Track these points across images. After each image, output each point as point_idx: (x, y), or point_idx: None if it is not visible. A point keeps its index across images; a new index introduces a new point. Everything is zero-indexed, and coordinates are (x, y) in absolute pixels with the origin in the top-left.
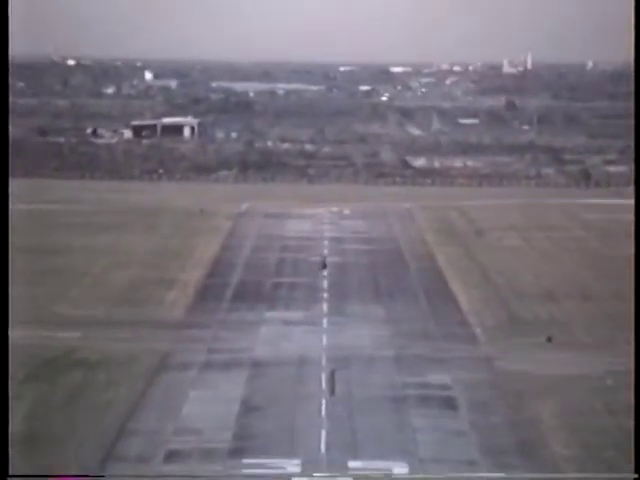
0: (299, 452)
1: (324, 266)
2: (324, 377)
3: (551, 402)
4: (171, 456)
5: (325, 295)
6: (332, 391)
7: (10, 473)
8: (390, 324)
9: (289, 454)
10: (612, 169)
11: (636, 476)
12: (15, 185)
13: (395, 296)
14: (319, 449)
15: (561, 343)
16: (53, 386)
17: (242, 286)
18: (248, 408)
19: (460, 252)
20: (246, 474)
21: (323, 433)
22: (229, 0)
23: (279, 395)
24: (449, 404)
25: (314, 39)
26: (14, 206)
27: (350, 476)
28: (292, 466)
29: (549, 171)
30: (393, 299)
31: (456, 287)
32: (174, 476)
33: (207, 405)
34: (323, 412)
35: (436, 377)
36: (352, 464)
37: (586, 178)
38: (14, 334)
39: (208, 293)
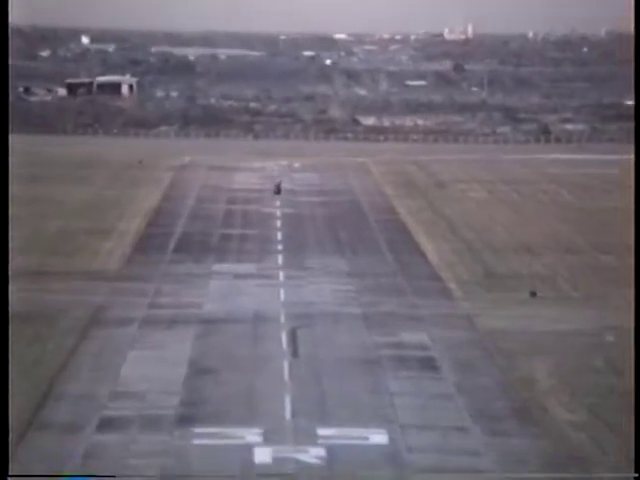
0: (260, 419)
1: (278, 191)
2: (284, 336)
3: (545, 361)
4: (106, 424)
5: (280, 247)
6: (295, 352)
7: (10, 473)
8: (354, 278)
9: (248, 422)
10: (570, 127)
11: (636, 475)
12: None
13: (357, 249)
14: (283, 416)
15: (546, 298)
16: None
17: (186, 237)
18: (198, 370)
19: (423, 204)
20: (198, 445)
21: (287, 398)
22: None
23: (233, 356)
24: (430, 365)
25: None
26: None
27: (321, 445)
28: (252, 435)
29: (505, 129)
30: (355, 252)
31: (422, 240)
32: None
33: (149, 366)
34: (286, 375)
35: (411, 336)
36: (322, 432)
37: (546, 133)
38: None
39: (149, 244)
